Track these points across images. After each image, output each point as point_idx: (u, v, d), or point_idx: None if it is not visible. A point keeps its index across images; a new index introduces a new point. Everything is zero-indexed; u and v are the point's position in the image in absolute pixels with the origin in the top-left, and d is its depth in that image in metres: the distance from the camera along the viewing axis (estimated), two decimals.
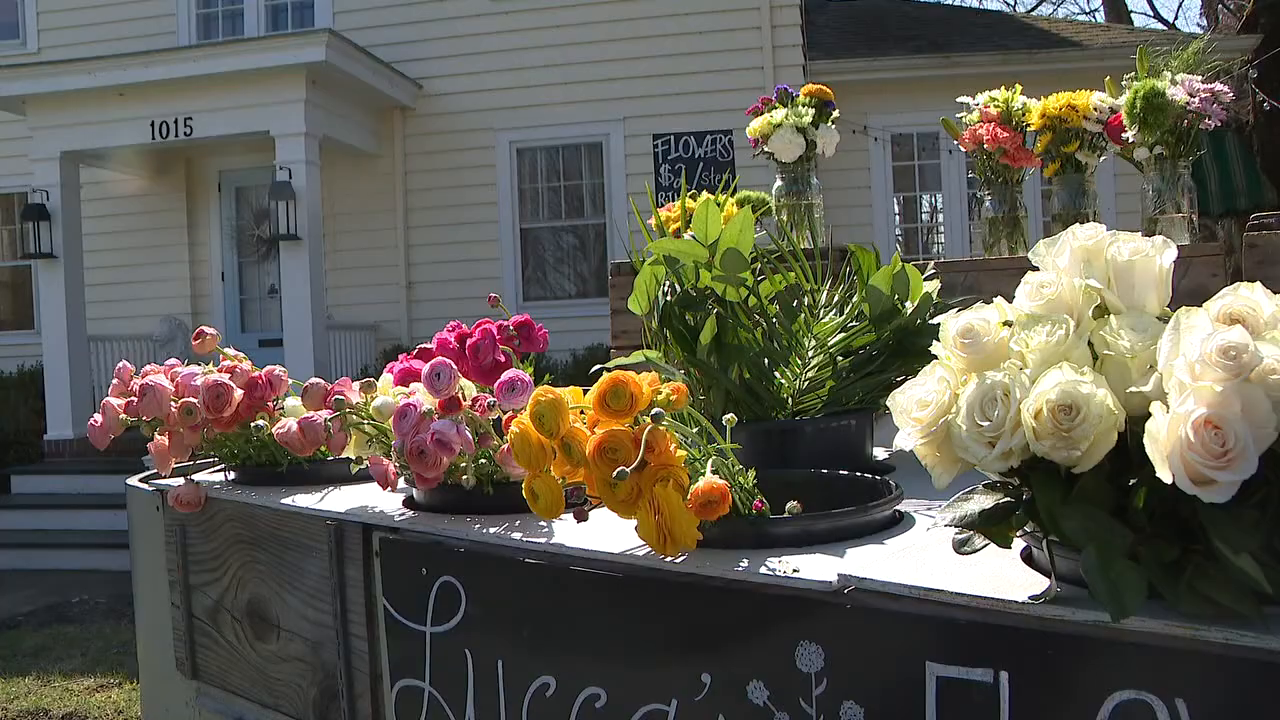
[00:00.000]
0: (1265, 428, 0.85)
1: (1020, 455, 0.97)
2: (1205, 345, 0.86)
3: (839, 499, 1.45)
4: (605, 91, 11.78)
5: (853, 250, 1.80)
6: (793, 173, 2.73)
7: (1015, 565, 1.17)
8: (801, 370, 1.77)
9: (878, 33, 12.94)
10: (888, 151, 11.77)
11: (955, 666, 1.10)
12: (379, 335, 12.28)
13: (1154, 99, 2.16)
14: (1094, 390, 0.92)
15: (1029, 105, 2.49)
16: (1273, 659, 0.94)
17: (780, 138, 2.66)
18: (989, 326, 1.03)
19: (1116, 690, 1.01)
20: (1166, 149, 2.23)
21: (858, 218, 11.54)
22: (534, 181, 12.26)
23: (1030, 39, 12.70)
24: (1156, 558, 0.94)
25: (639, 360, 1.82)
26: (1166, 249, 1.01)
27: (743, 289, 1.72)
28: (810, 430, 1.73)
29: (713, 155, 11.54)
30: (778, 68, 11.36)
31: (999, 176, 2.56)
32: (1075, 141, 2.39)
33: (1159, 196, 2.27)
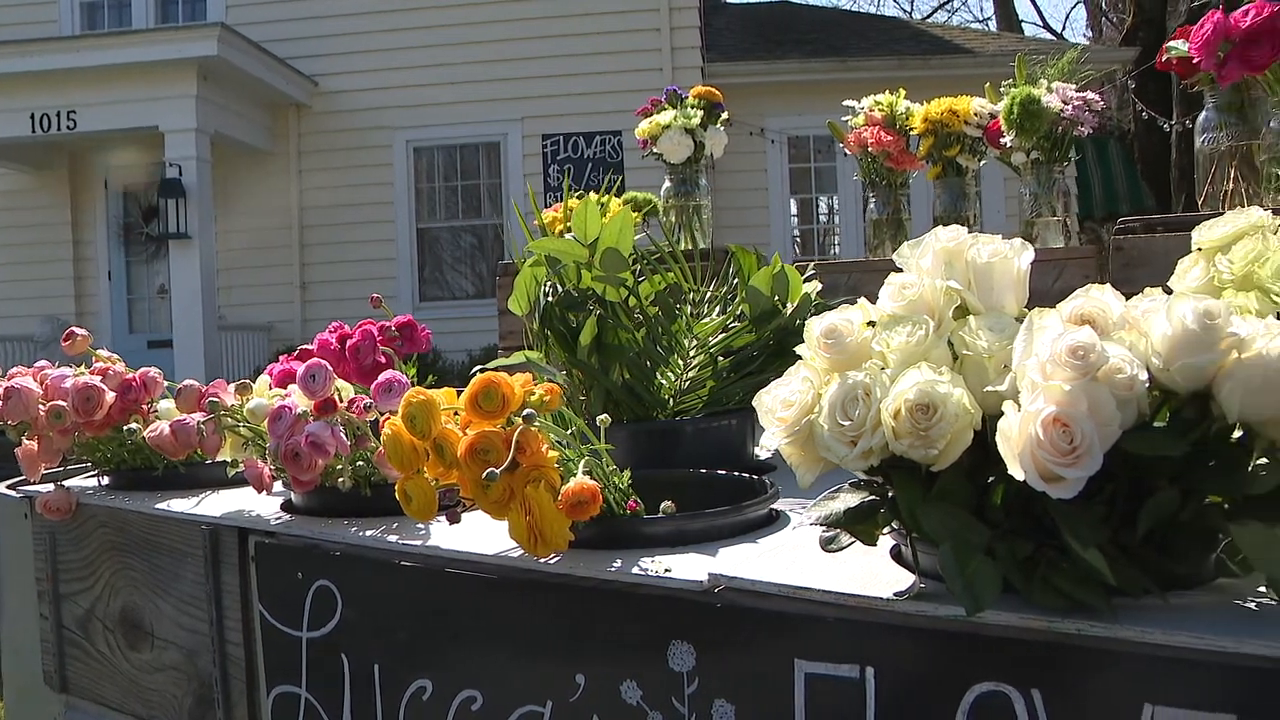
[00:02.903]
0: (1110, 425, 0.87)
1: (880, 454, 0.98)
2: (1055, 345, 0.88)
3: (717, 498, 1.46)
4: (504, 91, 11.72)
5: (734, 251, 1.81)
6: (681, 174, 2.73)
7: (884, 562, 1.18)
8: (682, 370, 1.77)
9: (776, 36, 13.07)
10: (784, 153, 11.90)
11: (823, 663, 1.11)
12: (273, 336, 12.08)
13: (1030, 105, 2.20)
14: (951, 390, 0.94)
15: (913, 109, 2.53)
16: (1121, 648, 0.96)
17: (669, 139, 2.67)
18: (852, 327, 1.04)
19: (977, 682, 1.02)
20: (1043, 154, 2.29)
21: (755, 219, 11.65)
22: (431, 181, 12.15)
23: (924, 45, 12.93)
24: (1012, 553, 0.96)
25: (520, 361, 1.82)
26: (1024, 251, 1.03)
27: (623, 289, 1.71)
28: (691, 430, 1.73)
29: (602, 156, 11.54)
30: (676, 69, 11.42)
31: (883, 179, 2.60)
32: (956, 145, 2.43)
33: (1035, 200, 2.33)
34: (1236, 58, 1.74)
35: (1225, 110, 1.94)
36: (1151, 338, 0.93)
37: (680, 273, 1.80)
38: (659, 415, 1.76)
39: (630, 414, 1.76)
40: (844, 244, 12.25)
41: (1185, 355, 0.91)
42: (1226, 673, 0.93)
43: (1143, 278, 1.35)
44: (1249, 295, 1.19)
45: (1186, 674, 0.95)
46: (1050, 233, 2.31)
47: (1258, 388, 0.90)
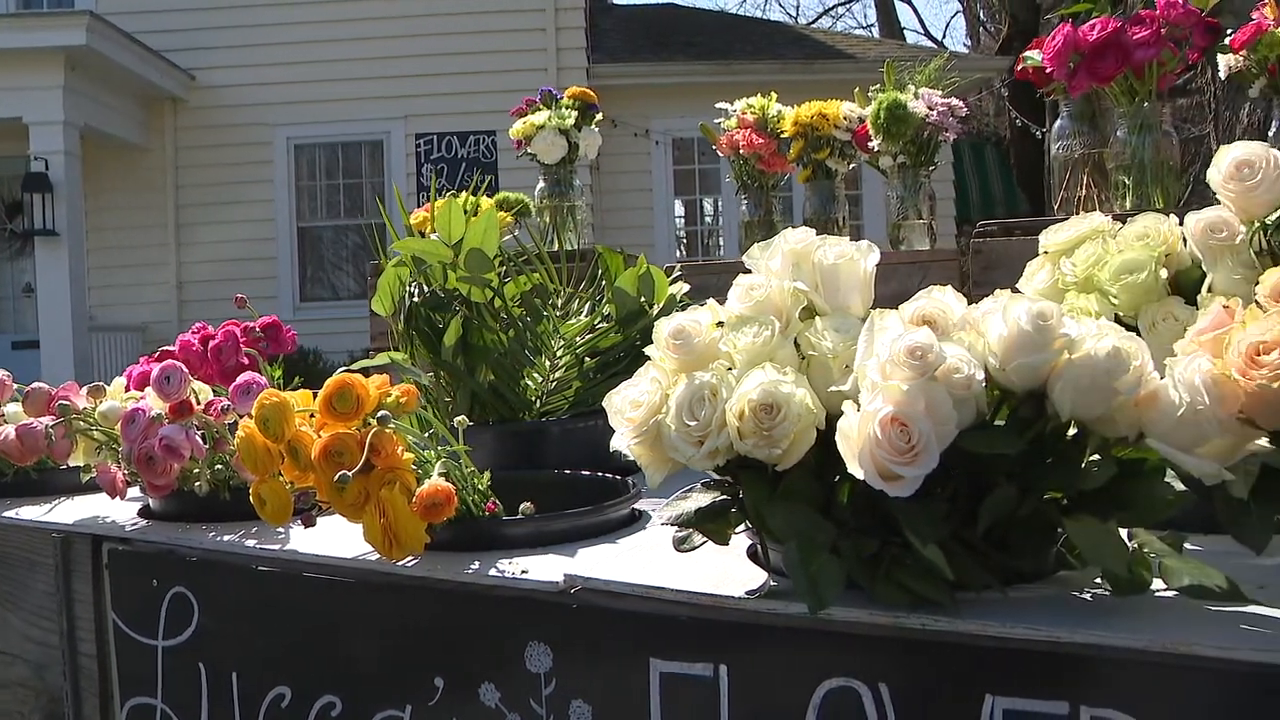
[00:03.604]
0: (947, 424, 0.89)
1: (727, 454, 0.99)
2: (894, 346, 0.90)
3: (580, 499, 1.46)
4: (387, 89, 11.56)
5: (601, 252, 1.81)
6: (556, 174, 2.73)
7: (740, 562, 1.19)
8: (549, 371, 1.77)
9: (662, 38, 13.12)
10: (669, 155, 11.95)
11: (677, 662, 1.12)
12: (147, 337, 11.74)
13: (896, 111, 2.25)
14: (794, 390, 0.95)
15: (784, 113, 2.56)
16: (963, 641, 0.99)
17: (543, 139, 2.66)
18: (700, 328, 1.05)
19: (827, 678, 1.04)
20: (909, 158, 2.33)
21: (640, 220, 11.69)
22: (313, 179, 11.95)
23: (807, 50, 13.11)
24: (857, 551, 0.98)
25: (384, 362, 1.79)
26: (870, 253, 1.05)
27: (488, 290, 1.70)
28: (557, 431, 1.73)
29: (476, 156, 11.46)
30: (561, 69, 11.40)
31: (755, 181, 2.62)
32: (826, 149, 2.47)
33: (902, 203, 2.38)
34: (1085, 69, 1.79)
35: (1078, 119, 2.00)
36: (988, 338, 0.95)
37: (546, 274, 1.80)
38: (525, 416, 1.75)
39: (496, 415, 1.75)
40: (728, 245, 12.35)
41: (1020, 355, 0.93)
42: (1061, 662, 0.96)
43: (1000, 279, 1.39)
44: (1090, 297, 1.23)
45: (1024, 664, 0.98)
46: (916, 235, 2.36)
47: (1086, 387, 0.93)
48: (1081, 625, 0.98)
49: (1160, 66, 1.81)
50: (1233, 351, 0.94)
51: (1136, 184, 1.84)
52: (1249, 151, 1.10)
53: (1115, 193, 1.91)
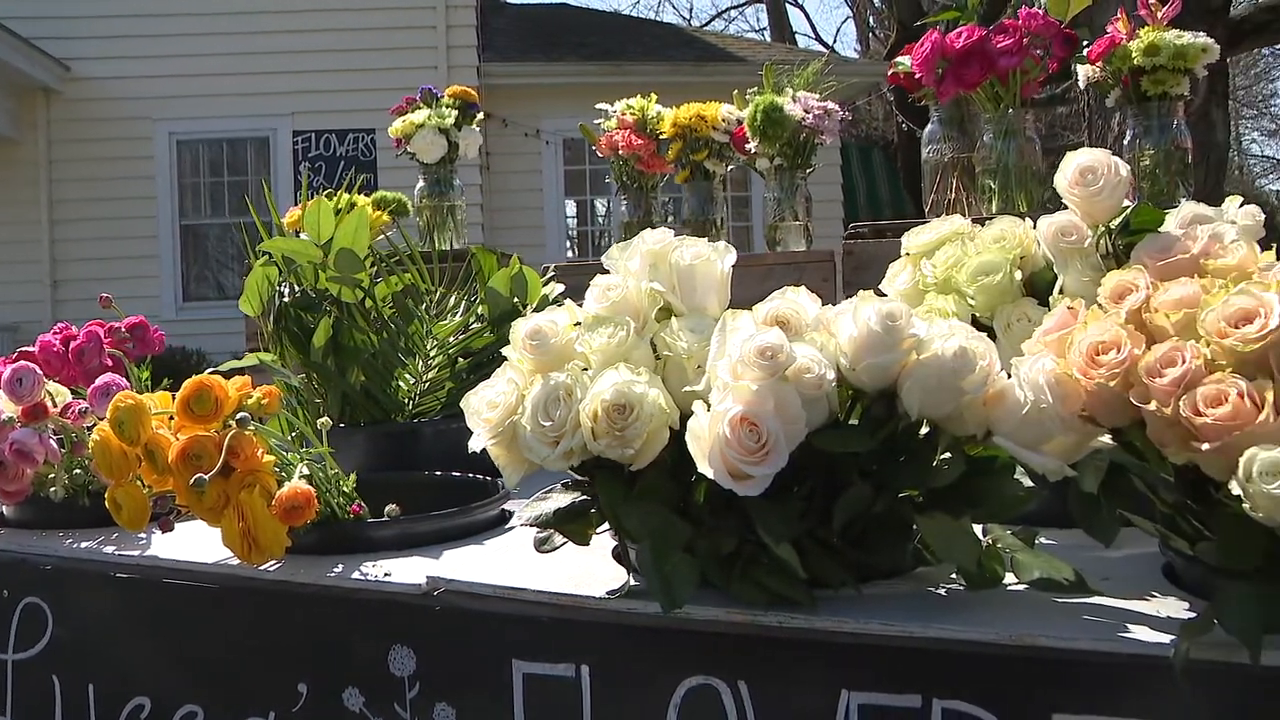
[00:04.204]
0: (797, 424, 0.90)
1: (581, 454, 0.99)
2: (745, 346, 0.90)
3: (452, 500, 1.45)
4: (274, 84, 11.32)
5: (474, 252, 1.80)
6: (435, 174, 2.70)
7: (605, 561, 1.19)
8: (422, 372, 1.75)
9: (553, 38, 13.09)
10: (560, 155, 11.92)
11: (540, 663, 1.12)
12: (18, 337, 11.33)
13: (772, 113, 2.27)
14: (647, 390, 0.95)
15: (663, 114, 2.57)
16: (820, 637, 1.00)
17: (422, 138, 2.64)
18: (556, 328, 1.05)
19: (687, 677, 1.05)
20: (786, 160, 2.36)
21: (530, 220, 11.64)
22: (197, 176, 11.66)
23: (698, 52, 13.18)
24: (713, 550, 0.99)
25: (252, 363, 1.76)
26: (727, 254, 1.06)
27: (358, 290, 1.68)
28: (429, 432, 1.71)
29: (354, 154, 11.29)
30: (452, 68, 11.29)
31: (635, 182, 2.63)
32: (704, 150, 2.48)
33: (779, 205, 2.40)
34: (952, 76, 1.83)
35: (948, 124, 2.04)
36: (839, 339, 0.97)
37: (418, 274, 1.78)
38: (397, 417, 1.73)
39: (368, 416, 1.73)
40: None
41: (870, 355, 0.95)
42: (914, 656, 0.98)
43: (871, 280, 1.41)
44: (948, 298, 1.25)
45: (878, 659, 1.00)
46: (792, 236, 2.38)
47: (934, 386, 0.95)
48: (934, 620, 1.00)
49: (1023, 74, 1.86)
50: (1074, 352, 0.97)
51: (1002, 188, 1.89)
52: (1092, 158, 1.13)
53: (982, 196, 1.95)
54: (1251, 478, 0.85)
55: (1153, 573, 1.14)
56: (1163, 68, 1.85)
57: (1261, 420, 0.87)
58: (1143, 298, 0.99)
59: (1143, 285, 1.00)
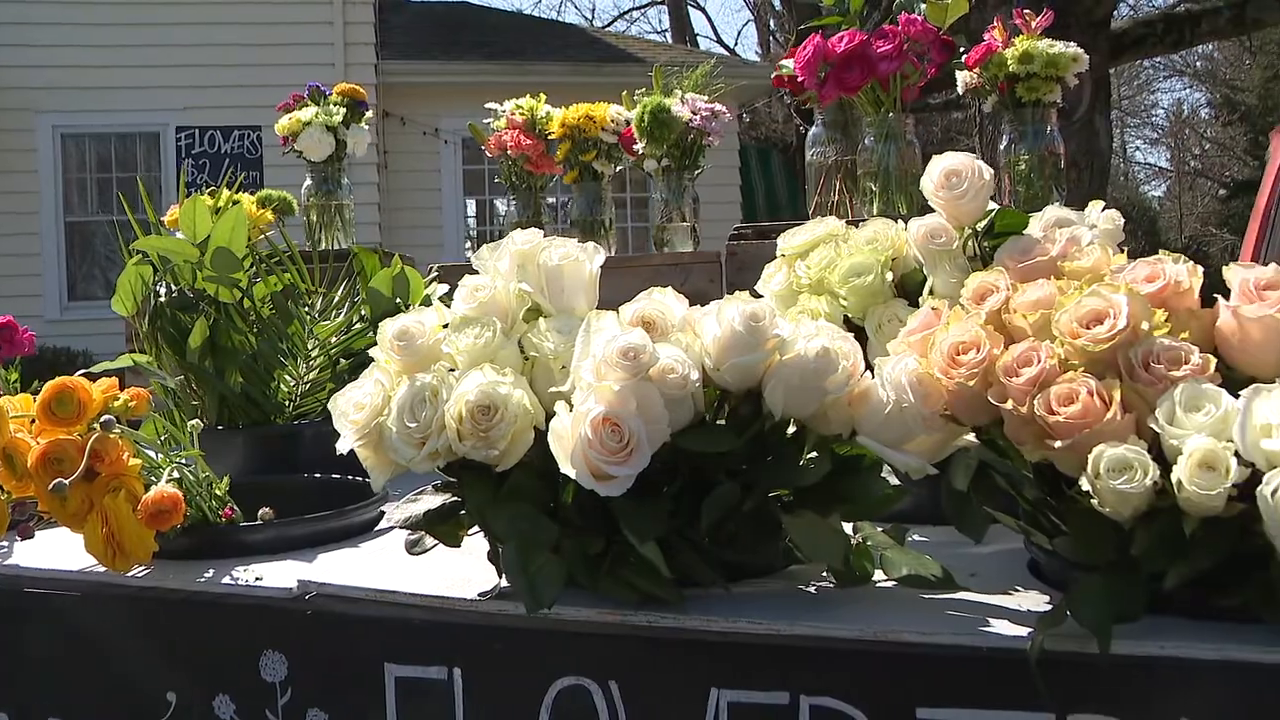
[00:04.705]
0: (659, 424, 0.91)
1: (447, 455, 0.98)
2: (608, 347, 0.91)
3: (331, 503, 1.43)
4: (166, 79, 11.04)
5: (356, 252, 1.78)
6: (323, 172, 2.66)
7: (481, 563, 1.18)
8: (303, 374, 1.72)
9: (453, 37, 12.99)
10: (459, 155, 11.83)
11: (412, 666, 1.11)
12: None
13: (660, 114, 2.28)
14: (512, 391, 0.95)
15: (552, 114, 2.57)
16: (690, 636, 1.01)
17: (309, 136, 2.60)
18: (424, 329, 1.04)
19: (559, 677, 1.05)
20: (673, 161, 2.37)
21: (429, 220, 11.54)
22: (84, 172, 11.34)
23: (599, 52, 13.20)
24: (581, 550, 0.99)
25: (126, 364, 1.72)
26: (596, 254, 1.06)
27: (236, 290, 1.65)
28: (310, 434, 1.69)
29: (239, 151, 11.09)
30: (349, 65, 11.14)
31: (523, 182, 2.62)
32: (592, 151, 2.48)
33: (666, 206, 2.41)
34: (833, 79, 1.86)
35: (831, 127, 2.07)
36: (704, 339, 0.97)
37: (297, 274, 1.75)
38: (277, 419, 1.70)
39: (247, 418, 1.70)
40: None
41: (733, 355, 0.96)
42: (781, 653, 0.99)
43: (752, 281, 1.42)
44: (821, 299, 1.27)
45: (747, 657, 1.00)
46: (679, 237, 2.39)
47: (797, 386, 0.96)
48: (802, 618, 1.01)
49: (903, 79, 1.90)
50: (936, 352, 0.99)
51: (882, 190, 1.92)
52: (957, 162, 1.15)
53: (863, 198, 1.98)
54: (1099, 474, 0.88)
55: (1019, 568, 1.17)
56: (1036, 75, 1.90)
57: (1109, 418, 0.89)
58: (1002, 299, 1.01)
59: (1003, 287, 1.03)
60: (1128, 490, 0.87)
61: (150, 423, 1.48)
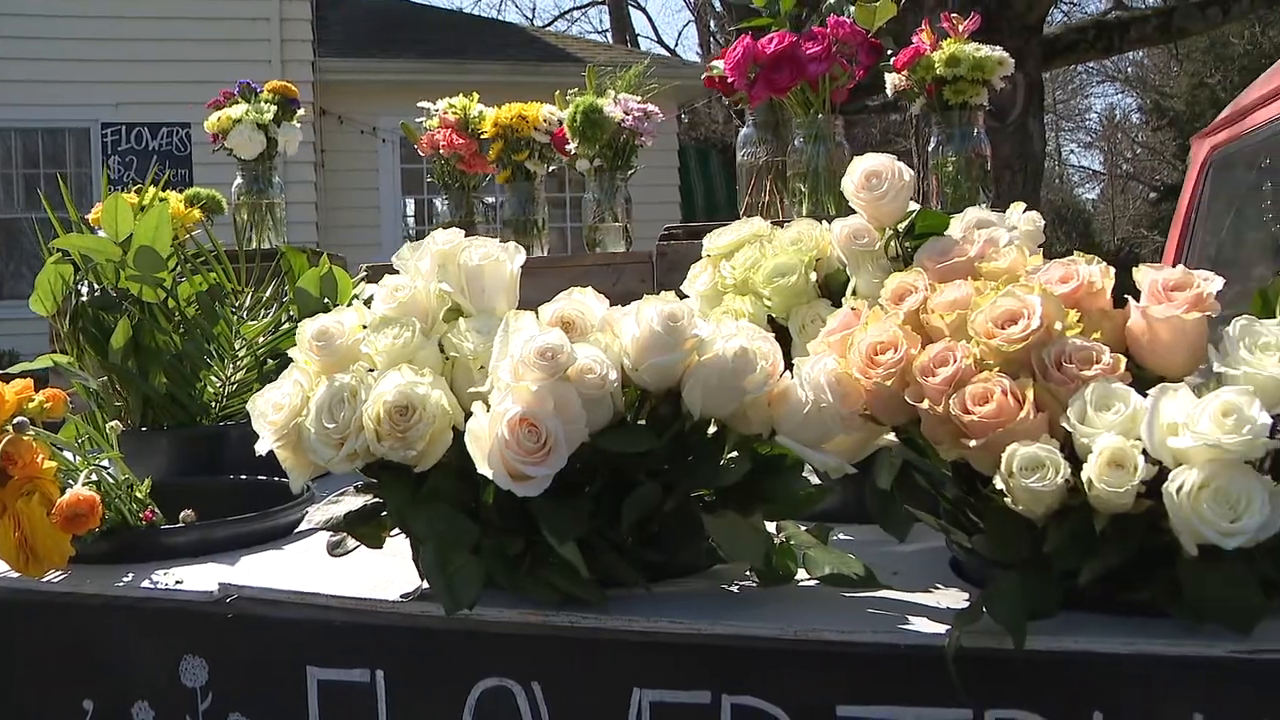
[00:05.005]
0: (577, 424, 0.91)
1: (365, 456, 0.98)
2: (526, 347, 0.91)
3: (257, 505, 1.41)
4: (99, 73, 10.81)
5: (284, 251, 1.76)
6: (254, 171, 2.64)
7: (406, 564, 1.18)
8: (229, 374, 1.70)
9: (392, 35, 12.89)
10: (397, 153, 11.74)
11: (334, 669, 1.10)
12: None
13: (592, 114, 2.28)
14: (430, 391, 0.95)
15: (485, 113, 2.56)
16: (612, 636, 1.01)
17: (239, 134, 2.57)
18: (343, 329, 1.03)
19: (482, 678, 1.04)
20: (605, 162, 2.37)
21: (366, 219, 11.43)
22: (10, 167, 11.11)
23: (539, 52, 13.16)
24: (501, 550, 0.99)
25: (46, 365, 1.70)
26: (517, 254, 1.06)
27: (160, 290, 1.63)
28: (236, 435, 1.66)
29: (168, 148, 10.92)
30: (286, 62, 11.01)
31: (456, 182, 2.61)
32: (525, 151, 2.48)
33: (599, 206, 2.41)
34: (763, 80, 1.87)
35: (762, 128, 2.08)
36: (623, 340, 0.97)
37: (223, 273, 1.73)
38: (203, 421, 1.68)
39: (172, 420, 1.67)
40: None
41: (652, 355, 0.96)
42: (703, 652, 1.00)
43: (682, 280, 1.42)
44: (746, 299, 1.28)
45: (668, 657, 1.01)
46: (611, 238, 2.39)
47: (715, 386, 0.96)
48: (723, 617, 1.02)
49: (832, 81, 1.91)
50: (854, 352, 1.00)
51: (812, 191, 1.93)
52: (877, 163, 1.17)
53: (793, 199, 1.99)
54: (1013, 473, 0.89)
55: (941, 566, 1.18)
56: (963, 78, 1.92)
57: (1022, 417, 0.91)
58: (921, 299, 1.03)
59: (921, 287, 1.04)
60: (1039, 488, 0.88)
61: (71, 425, 1.45)
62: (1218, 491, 0.85)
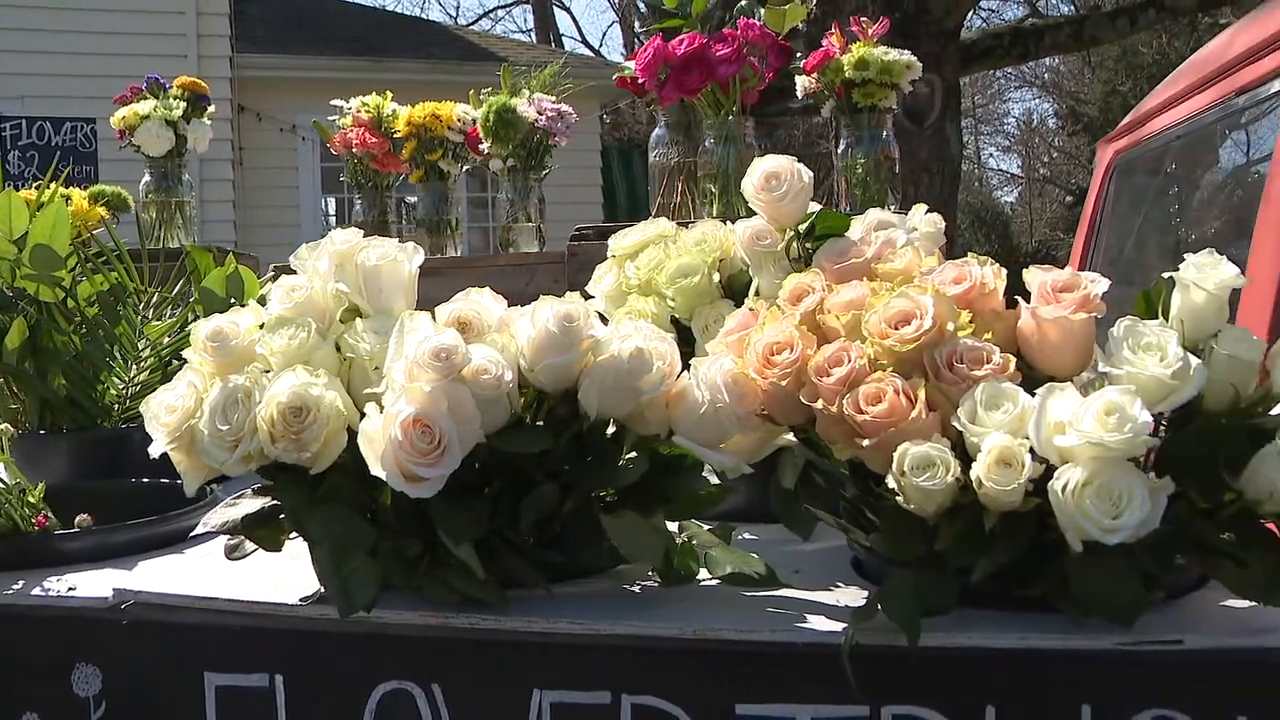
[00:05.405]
0: (471, 424, 0.91)
1: (260, 458, 0.97)
2: (420, 348, 0.90)
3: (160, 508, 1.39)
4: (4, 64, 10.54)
5: (189, 251, 1.73)
6: (162, 168, 2.59)
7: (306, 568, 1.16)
8: (132, 376, 1.67)
9: (312, 31, 12.74)
10: (317, 152, 11.59)
11: (232, 674, 1.09)
12: None
13: (505, 114, 2.27)
14: (324, 392, 0.94)
15: (398, 112, 2.54)
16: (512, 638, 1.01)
17: (148, 130, 2.52)
18: (238, 329, 1.02)
19: (382, 681, 1.04)
20: (519, 162, 2.36)
21: (286, 218, 11.27)
22: None
23: (460, 50, 13.09)
24: (398, 552, 0.98)
25: None
26: (416, 254, 1.05)
27: (59, 289, 1.60)
28: (139, 437, 1.62)
29: (72, 144, 10.67)
30: (203, 57, 10.82)
31: (370, 181, 2.59)
32: (439, 150, 2.46)
33: (512, 206, 2.40)
34: (673, 81, 1.88)
35: (674, 129, 2.09)
36: (519, 340, 0.97)
37: (126, 272, 1.70)
38: (105, 423, 1.65)
39: (72, 422, 1.64)
40: None
41: (548, 356, 0.96)
42: (602, 653, 1.00)
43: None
44: (649, 299, 1.28)
45: (567, 658, 1.01)
46: (524, 238, 2.39)
47: (611, 386, 0.97)
48: (623, 617, 1.02)
49: (743, 82, 1.92)
50: (751, 352, 1.00)
51: (722, 192, 1.94)
52: (777, 165, 1.18)
53: (704, 200, 2.01)
54: (904, 472, 0.91)
55: (843, 565, 1.19)
56: (871, 81, 1.94)
57: (914, 417, 0.92)
58: (818, 300, 1.04)
59: (819, 288, 1.05)
60: (930, 487, 0.90)
61: None
62: (1100, 489, 0.87)
